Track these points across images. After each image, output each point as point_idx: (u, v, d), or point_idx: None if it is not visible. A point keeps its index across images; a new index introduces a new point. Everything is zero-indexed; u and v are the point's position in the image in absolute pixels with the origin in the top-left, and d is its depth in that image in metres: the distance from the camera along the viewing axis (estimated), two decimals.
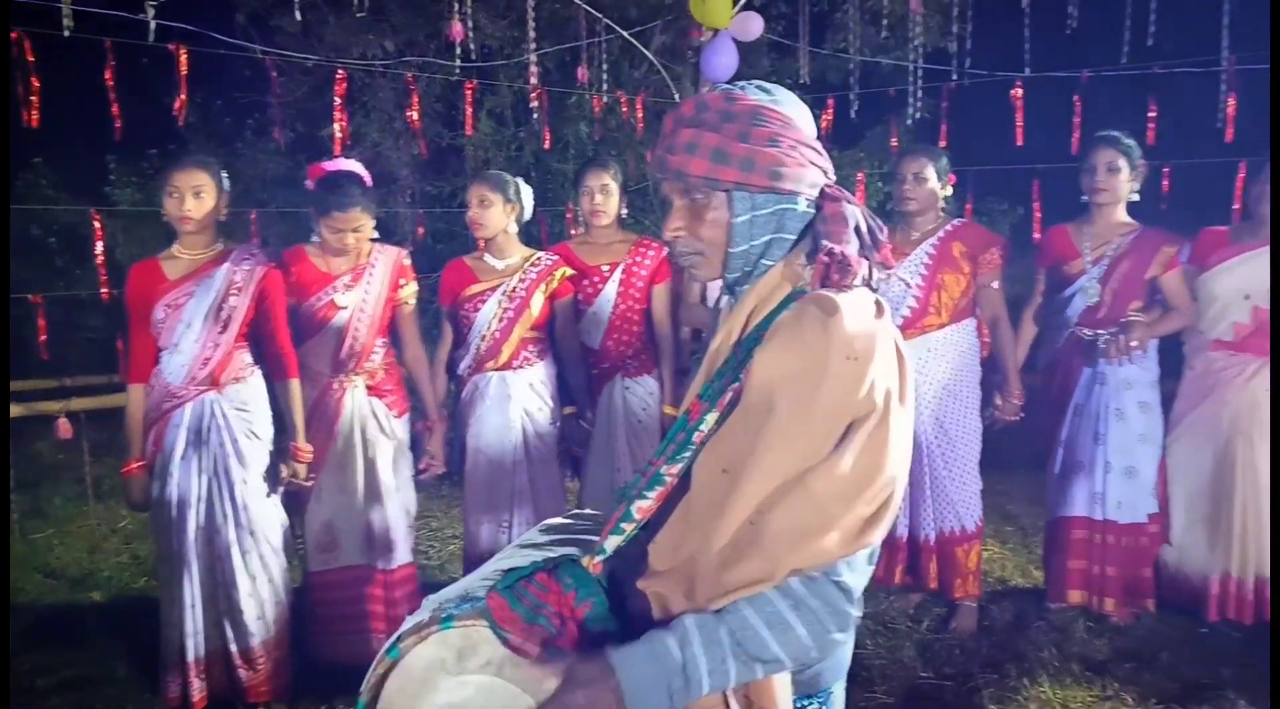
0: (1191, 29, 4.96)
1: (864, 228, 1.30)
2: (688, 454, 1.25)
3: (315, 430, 3.25)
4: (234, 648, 3.08)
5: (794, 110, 1.32)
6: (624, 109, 6.29)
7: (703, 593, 1.20)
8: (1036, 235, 5.07)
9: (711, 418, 1.24)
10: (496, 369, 3.45)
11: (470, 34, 5.19)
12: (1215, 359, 3.69)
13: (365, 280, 3.28)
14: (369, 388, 3.35)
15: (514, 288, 3.43)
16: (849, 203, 1.30)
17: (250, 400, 3.10)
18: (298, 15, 4.78)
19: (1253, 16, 4.84)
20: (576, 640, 1.23)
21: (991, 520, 4.89)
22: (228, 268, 3.04)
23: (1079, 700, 3.14)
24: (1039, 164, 5.26)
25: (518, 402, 3.44)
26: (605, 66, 6.07)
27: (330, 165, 3.28)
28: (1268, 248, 3.58)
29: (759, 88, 1.33)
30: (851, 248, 1.26)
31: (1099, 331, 3.67)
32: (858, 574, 1.21)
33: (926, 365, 3.68)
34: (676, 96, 6.05)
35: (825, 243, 1.26)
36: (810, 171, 1.30)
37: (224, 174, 3.08)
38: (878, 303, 1.28)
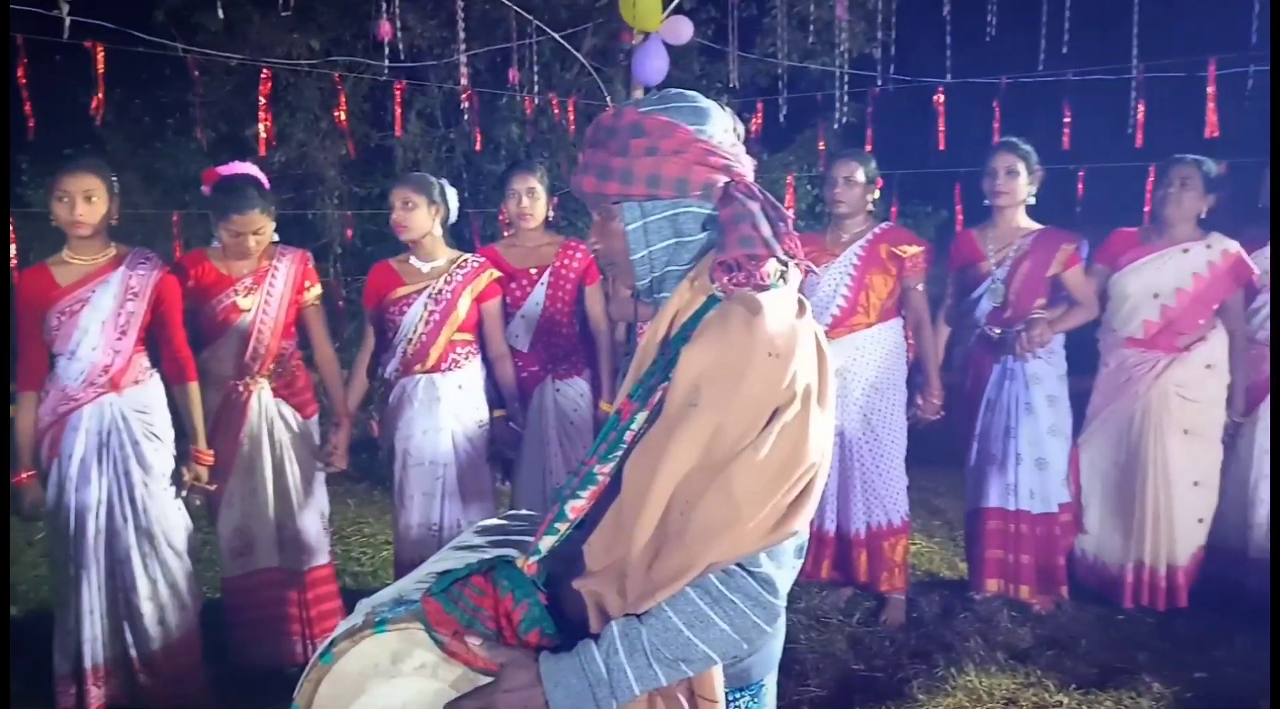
0: (1103, 38, 5.14)
1: (764, 225, 1.31)
2: (619, 453, 1.27)
3: (222, 434, 3.25)
4: (134, 653, 3.04)
5: (684, 116, 1.35)
6: (555, 111, 6.28)
7: (632, 591, 1.22)
8: None
9: (642, 417, 1.26)
10: (424, 372, 3.44)
11: (399, 34, 5.14)
12: (1127, 356, 3.84)
13: (268, 283, 3.28)
14: (276, 390, 3.34)
15: (440, 290, 3.42)
16: (749, 199, 1.32)
17: (150, 403, 3.08)
18: (220, 13, 4.67)
19: (1160, 26, 5.05)
20: (513, 642, 1.23)
21: (919, 515, 5.01)
22: (123, 273, 3.00)
23: (1003, 688, 3.24)
24: (960, 168, 5.41)
25: (446, 404, 3.43)
26: (536, 68, 6.06)
27: (226, 169, 3.28)
28: (1174, 248, 3.75)
29: (658, 97, 1.37)
30: (747, 247, 1.28)
31: (1006, 329, 3.80)
32: (782, 566, 1.24)
33: (855, 363, 3.76)
34: (608, 99, 6.07)
35: (721, 254, 1.29)
36: (698, 172, 1.32)
37: (114, 178, 3.02)
38: (800, 302, 1.33)
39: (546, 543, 1.29)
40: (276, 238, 3.31)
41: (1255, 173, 3.88)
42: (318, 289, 3.43)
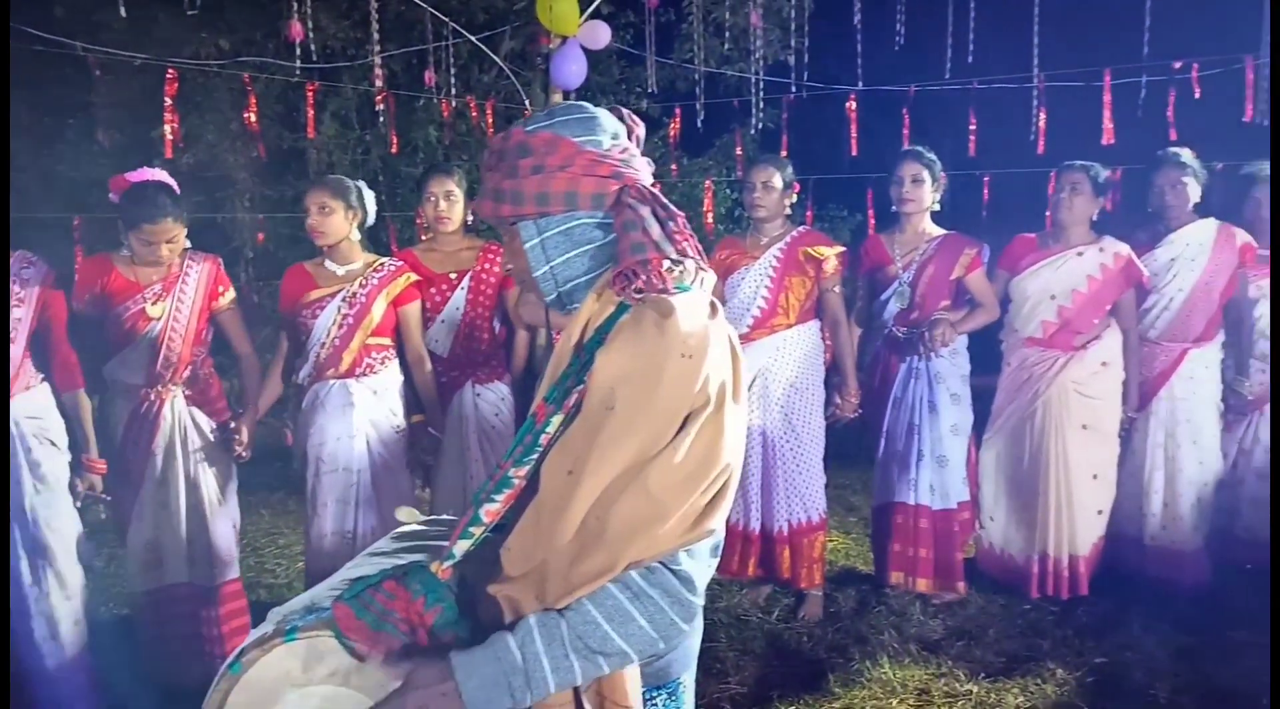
0: (1007, 48, 5.34)
1: (654, 227, 1.32)
2: (535, 456, 1.28)
3: (132, 445, 3.16)
4: (24, 668, 2.91)
5: (570, 128, 1.36)
6: (474, 114, 6.24)
7: (552, 593, 1.23)
8: None
9: (557, 420, 1.27)
10: (338, 377, 3.39)
11: (310, 34, 5.05)
12: (1028, 355, 3.99)
13: (178, 290, 3.21)
14: (189, 398, 3.27)
15: (354, 294, 3.37)
16: (640, 204, 1.33)
17: (40, 408, 2.97)
18: (123, 11, 4.53)
19: (1060, 38, 5.26)
20: (426, 646, 1.23)
21: (835, 512, 5.13)
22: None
23: (916, 679, 3.33)
24: (872, 173, 5.55)
25: (361, 410, 3.38)
26: (454, 70, 6.02)
27: (136, 176, 3.18)
28: (1070, 252, 3.91)
29: (546, 113, 1.39)
30: (638, 254, 1.29)
31: (912, 330, 3.91)
32: (699, 563, 1.26)
33: (775, 363, 3.84)
34: (526, 102, 6.06)
35: (618, 265, 1.31)
36: (586, 184, 1.34)
37: None
38: (712, 304, 1.35)
39: (461, 547, 1.29)
40: (189, 244, 3.23)
41: (1148, 179, 4.06)
42: (232, 293, 3.36)
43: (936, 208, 3.96)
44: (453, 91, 6.03)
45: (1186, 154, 3.97)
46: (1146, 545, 4.03)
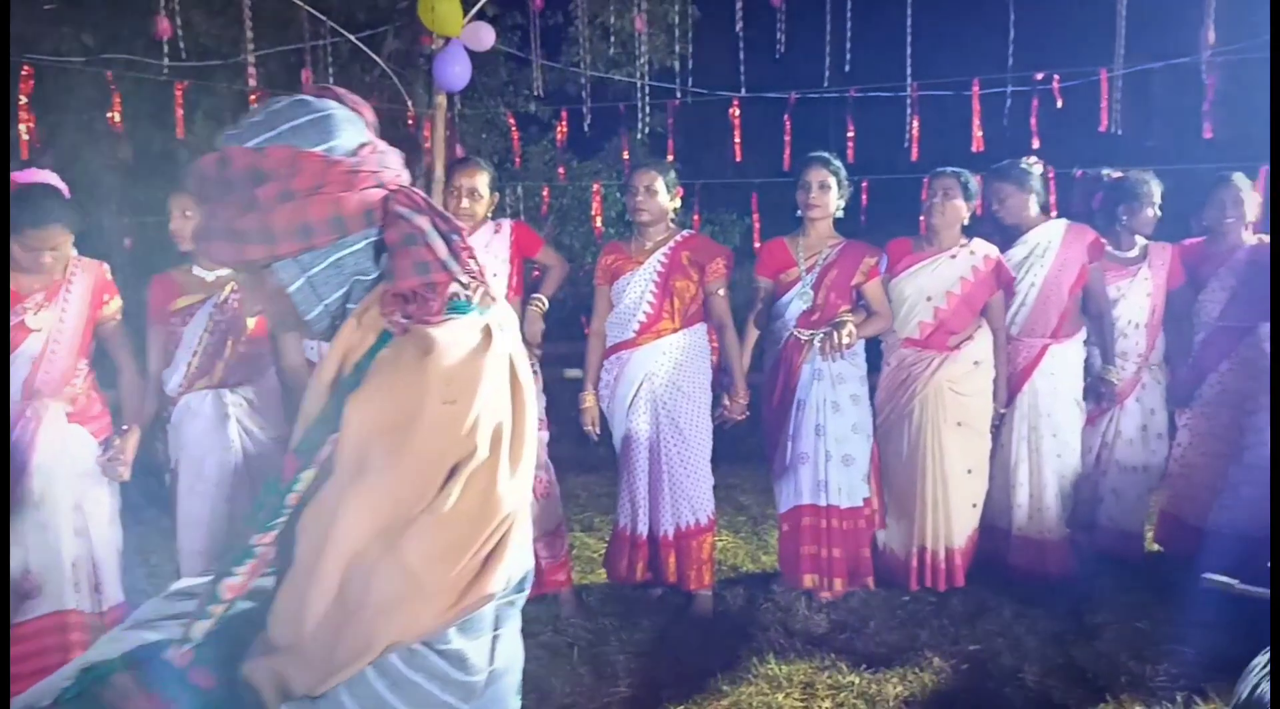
0: (882, 58, 5.52)
1: (439, 243, 1.16)
2: (282, 520, 1.12)
3: (9, 465, 2.95)
4: None
5: (306, 136, 1.16)
6: None
7: (312, 673, 1.08)
8: (757, 244, 5.44)
9: (308, 476, 1.11)
10: (210, 386, 3.28)
11: (180, 31, 4.85)
12: (906, 355, 4.13)
13: (61, 299, 3.03)
14: (70, 414, 3.08)
15: (226, 300, 3.25)
16: (416, 214, 1.16)
17: None
18: None
19: (932, 49, 5.46)
20: None
21: (725, 511, 5.19)
22: None
23: (801, 673, 3.39)
24: (757, 178, 5.65)
25: (235, 420, 3.27)
26: (334, 70, 5.87)
27: (22, 176, 2.97)
28: (943, 254, 4.06)
29: (265, 118, 1.18)
30: (423, 274, 1.13)
31: (814, 332, 4.00)
32: (475, 637, 1.13)
33: (662, 368, 3.86)
34: (409, 103, 5.96)
35: (394, 284, 1.14)
36: (350, 203, 1.14)
37: None
38: (486, 328, 1.16)
39: (199, 629, 1.14)
40: (75, 252, 3.05)
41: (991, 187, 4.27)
42: (118, 301, 3.20)
43: (840, 214, 4.05)
44: None
45: (1028, 162, 4.19)
46: (1014, 536, 4.21)
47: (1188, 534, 4.28)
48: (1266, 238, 4.22)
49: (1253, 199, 4.23)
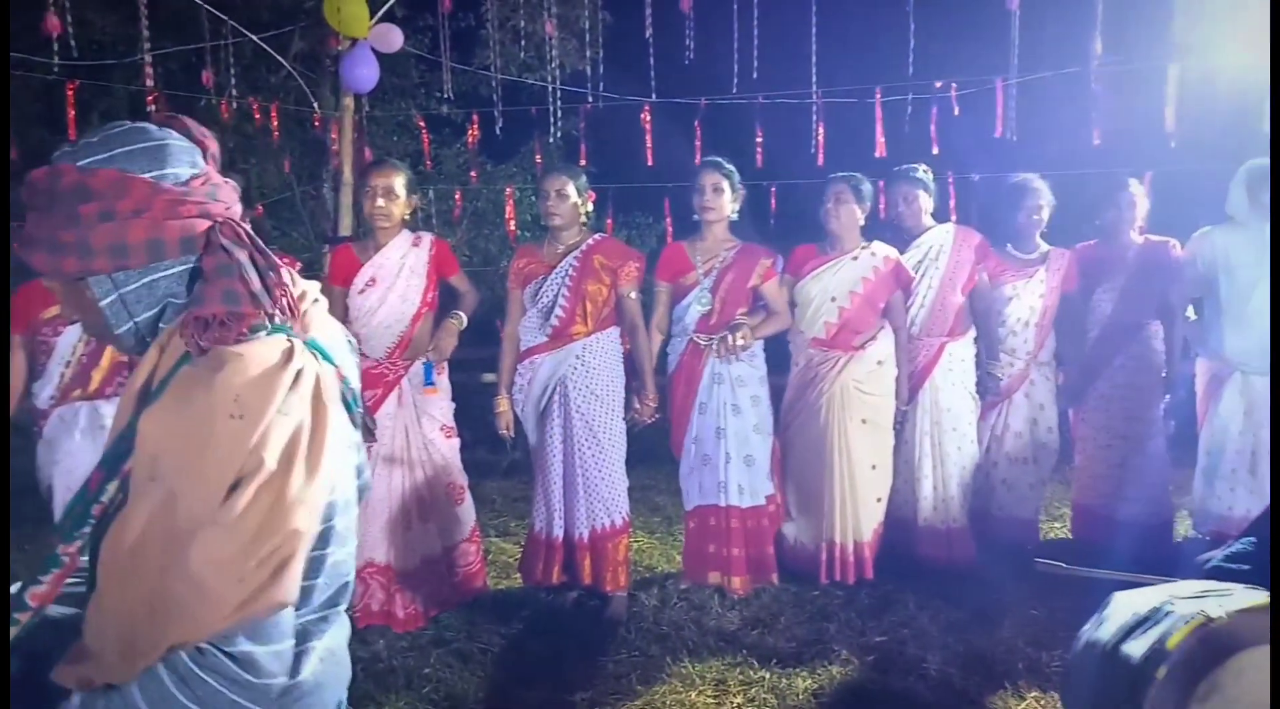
0: (788, 66, 5.64)
1: (254, 277, 1.21)
2: (86, 530, 1.16)
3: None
4: None
5: (137, 162, 1.21)
6: (257, 116, 5.96)
7: (111, 674, 1.11)
8: None
9: (112, 487, 1.16)
10: (86, 398, 3.17)
11: (71, 28, 4.68)
12: (813, 354, 4.23)
13: None
14: None
15: None
16: (237, 247, 1.22)
17: None
18: None
19: (835, 57, 5.60)
20: None
21: (640, 512, 5.23)
22: None
23: (714, 670, 3.45)
24: (668, 182, 5.72)
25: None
26: (237, 70, 5.73)
27: None
28: (845, 256, 4.18)
29: (101, 140, 1.22)
30: (230, 304, 1.18)
31: (712, 336, 4.07)
32: (266, 643, 1.15)
33: (575, 372, 3.88)
34: (315, 105, 5.85)
35: (199, 308, 1.18)
36: (170, 230, 1.20)
37: None
38: (289, 348, 1.20)
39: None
40: None
41: (887, 191, 4.42)
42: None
43: (735, 217, 4.12)
44: (234, 92, 5.73)
45: (920, 169, 4.35)
46: (920, 528, 4.36)
47: (1099, 523, 4.53)
48: (1155, 237, 4.46)
49: (1143, 202, 4.47)
